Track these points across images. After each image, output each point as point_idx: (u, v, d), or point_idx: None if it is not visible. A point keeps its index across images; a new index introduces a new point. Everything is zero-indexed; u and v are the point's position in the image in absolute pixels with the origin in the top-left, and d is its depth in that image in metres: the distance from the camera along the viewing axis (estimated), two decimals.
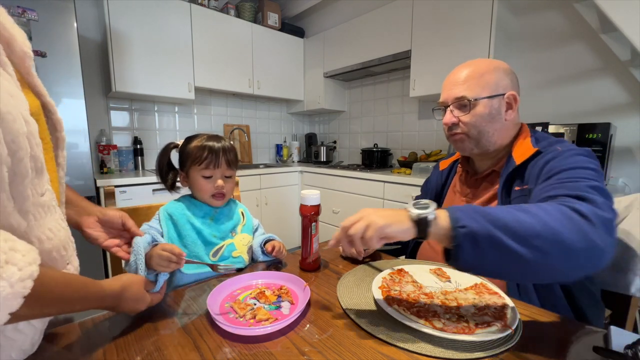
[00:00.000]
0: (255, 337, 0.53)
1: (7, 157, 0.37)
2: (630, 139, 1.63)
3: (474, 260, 0.49)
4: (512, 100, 0.78)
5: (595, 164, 0.65)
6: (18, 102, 0.39)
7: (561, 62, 1.82)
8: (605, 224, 0.50)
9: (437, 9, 2.07)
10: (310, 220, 0.79)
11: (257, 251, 0.88)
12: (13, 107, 0.38)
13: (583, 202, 0.53)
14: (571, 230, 0.47)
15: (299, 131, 3.68)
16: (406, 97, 2.63)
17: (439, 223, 0.51)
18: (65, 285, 0.43)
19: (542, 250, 0.46)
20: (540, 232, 0.47)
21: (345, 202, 2.51)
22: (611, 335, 0.51)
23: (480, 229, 0.48)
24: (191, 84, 2.46)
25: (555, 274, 0.50)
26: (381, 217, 0.53)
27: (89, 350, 0.50)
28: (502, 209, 0.51)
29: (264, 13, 2.92)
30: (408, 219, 0.52)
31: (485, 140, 0.79)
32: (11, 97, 0.38)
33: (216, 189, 0.83)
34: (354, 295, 0.66)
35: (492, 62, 0.80)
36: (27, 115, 0.40)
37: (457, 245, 0.48)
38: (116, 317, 0.60)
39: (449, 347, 0.49)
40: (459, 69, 0.81)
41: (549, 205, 0.52)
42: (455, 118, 0.80)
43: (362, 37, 2.58)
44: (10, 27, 0.44)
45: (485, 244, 0.47)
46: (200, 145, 0.82)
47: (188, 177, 0.84)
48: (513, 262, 0.47)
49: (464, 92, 0.77)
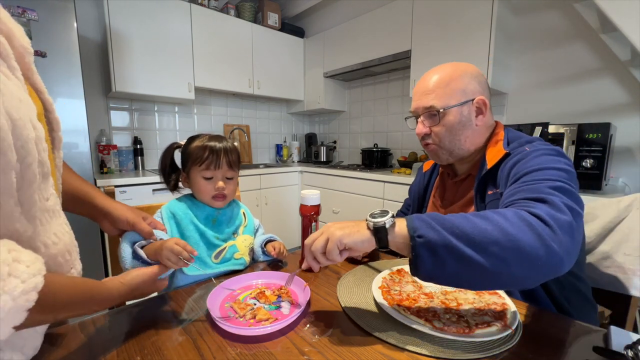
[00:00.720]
0: (255, 337, 0.53)
1: (17, 163, 0.37)
2: (630, 139, 1.63)
3: (433, 269, 0.48)
4: (482, 105, 0.76)
5: (563, 162, 0.63)
6: (27, 108, 0.39)
7: (561, 62, 1.82)
8: (564, 227, 0.48)
9: (437, 9, 2.06)
10: (310, 220, 0.79)
11: (257, 251, 0.88)
12: (23, 113, 0.38)
13: (543, 204, 0.52)
14: (529, 236, 0.47)
15: (299, 131, 3.68)
16: (406, 97, 2.63)
17: (398, 232, 0.51)
18: (72, 292, 0.43)
19: (500, 258, 0.46)
20: (498, 239, 0.46)
21: (345, 202, 2.51)
22: (611, 335, 0.51)
23: (438, 238, 0.47)
24: (191, 84, 2.46)
25: (515, 281, 0.49)
26: (340, 228, 0.53)
27: (89, 350, 0.50)
28: (462, 217, 0.50)
29: (264, 13, 2.92)
30: (366, 229, 0.53)
31: (458, 149, 0.79)
32: (21, 103, 0.38)
33: (216, 190, 0.82)
34: (354, 295, 0.66)
35: (458, 66, 0.78)
36: (35, 121, 0.40)
37: (416, 255, 0.48)
38: (116, 317, 0.60)
39: (449, 347, 0.49)
40: (427, 76, 0.79)
41: (508, 211, 0.51)
42: (426, 128, 0.79)
43: (362, 37, 2.58)
44: (7, 22, 0.43)
45: (443, 253, 0.47)
46: (201, 145, 0.81)
47: (189, 177, 0.84)
48: (472, 270, 0.47)
49: (433, 102, 0.76)
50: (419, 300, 0.62)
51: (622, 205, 0.86)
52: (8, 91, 0.36)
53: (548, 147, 0.69)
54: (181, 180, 0.86)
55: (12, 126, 0.35)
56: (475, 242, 0.47)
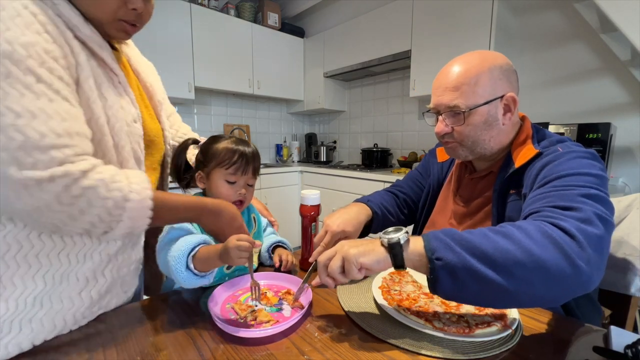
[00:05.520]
0: (255, 338, 0.53)
1: (112, 147, 0.58)
2: (630, 139, 1.63)
3: (452, 291, 0.47)
4: (511, 102, 0.69)
5: (597, 168, 0.60)
6: (125, 113, 0.60)
7: (561, 62, 1.82)
8: (593, 242, 0.46)
9: (437, 9, 2.07)
10: (310, 220, 0.79)
11: (264, 256, 0.84)
12: (120, 116, 0.59)
13: (572, 213, 0.50)
14: (554, 255, 0.44)
15: (299, 131, 3.68)
16: (406, 97, 2.62)
17: (413, 249, 0.49)
18: (175, 199, 0.61)
19: (523, 279, 0.44)
20: (522, 260, 0.44)
21: (346, 202, 2.48)
22: (611, 335, 0.51)
23: (457, 261, 0.45)
24: (191, 83, 2.45)
25: (539, 301, 0.48)
26: (354, 247, 0.52)
27: (89, 350, 0.50)
28: (481, 235, 0.48)
29: (264, 13, 2.91)
30: (380, 246, 0.51)
31: (481, 148, 0.72)
32: (123, 110, 0.60)
33: (238, 196, 0.75)
34: (354, 296, 0.66)
35: (486, 58, 0.69)
36: (129, 121, 0.61)
37: (434, 278, 0.47)
38: (116, 317, 0.60)
39: (449, 347, 0.49)
40: (450, 68, 0.70)
41: (530, 225, 0.48)
42: (448, 128, 0.72)
43: (362, 37, 2.58)
44: (152, 82, 0.77)
45: (464, 276, 0.45)
46: (231, 148, 0.74)
47: (208, 178, 0.76)
48: (493, 292, 0.45)
49: (457, 101, 0.68)
50: (419, 300, 0.62)
51: (622, 205, 0.86)
52: (113, 101, 0.58)
53: (581, 149, 0.65)
54: (196, 179, 0.79)
55: (112, 125, 0.57)
56: (496, 264, 0.44)
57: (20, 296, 0.51)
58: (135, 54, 0.78)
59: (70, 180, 0.46)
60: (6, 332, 0.50)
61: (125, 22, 0.59)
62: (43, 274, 0.53)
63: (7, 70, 0.43)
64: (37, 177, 0.44)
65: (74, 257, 0.56)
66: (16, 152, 0.43)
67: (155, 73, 0.82)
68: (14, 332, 0.51)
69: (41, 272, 0.53)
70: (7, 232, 0.51)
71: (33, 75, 0.45)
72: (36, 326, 0.52)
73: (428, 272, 0.48)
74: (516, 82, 0.72)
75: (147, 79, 0.75)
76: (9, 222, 0.51)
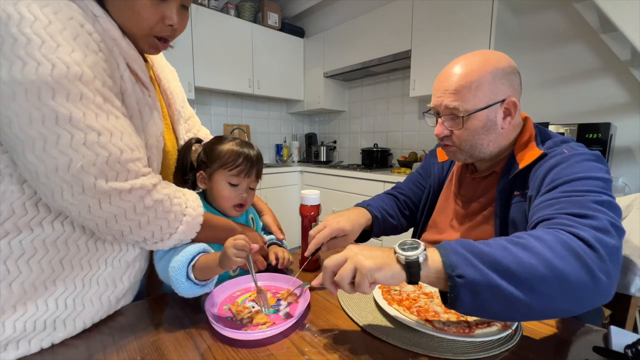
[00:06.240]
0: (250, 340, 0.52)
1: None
2: (630, 139, 1.63)
3: (472, 308, 0.45)
4: (512, 107, 0.68)
5: (604, 171, 0.60)
6: (156, 128, 0.64)
7: (561, 62, 1.82)
8: (612, 253, 0.46)
9: (437, 9, 2.06)
10: (310, 220, 0.79)
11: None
12: (153, 132, 0.63)
13: (588, 221, 0.49)
14: (576, 269, 0.44)
15: (299, 131, 3.68)
16: (406, 97, 2.63)
17: (432, 266, 0.46)
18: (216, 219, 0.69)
19: (546, 295, 0.43)
20: (545, 275, 0.43)
21: (346, 202, 2.50)
22: (611, 335, 0.51)
23: (481, 278, 0.43)
24: (191, 83, 2.45)
25: (558, 314, 0.49)
26: (369, 258, 0.47)
27: (90, 350, 0.50)
28: (501, 247, 0.46)
29: (264, 13, 2.91)
30: (396, 262, 0.47)
31: (479, 152, 0.72)
32: (154, 124, 0.63)
33: (239, 199, 0.75)
34: (354, 296, 0.66)
35: (489, 60, 0.67)
36: (158, 135, 0.64)
37: (455, 297, 0.44)
38: (116, 317, 0.60)
39: (449, 347, 0.49)
40: (452, 70, 0.69)
41: (549, 235, 0.47)
42: (447, 130, 0.72)
43: (362, 37, 2.58)
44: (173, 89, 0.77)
45: (487, 295, 0.43)
46: (236, 150, 0.74)
47: (210, 179, 0.75)
48: (515, 309, 0.44)
49: (456, 104, 0.67)
50: (419, 300, 0.62)
51: (622, 205, 0.86)
52: (148, 117, 0.62)
53: (587, 150, 0.64)
54: (197, 179, 0.77)
55: (149, 135, 0.62)
56: (520, 281, 0.43)
57: (60, 296, 0.53)
58: (158, 59, 0.77)
59: (144, 192, 0.53)
60: (40, 330, 0.51)
61: (157, 39, 0.60)
62: (73, 278, 0.55)
63: (80, 92, 0.47)
64: (120, 188, 0.50)
65: (95, 262, 0.57)
66: (103, 166, 0.49)
67: (177, 79, 0.81)
68: (48, 330, 0.52)
69: (72, 276, 0.55)
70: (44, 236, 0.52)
71: (100, 95, 0.50)
72: (64, 326, 0.54)
73: (447, 289, 0.45)
74: (519, 84, 0.71)
75: (169, 86, 0.75)
76: (37, 227, 0.52)
